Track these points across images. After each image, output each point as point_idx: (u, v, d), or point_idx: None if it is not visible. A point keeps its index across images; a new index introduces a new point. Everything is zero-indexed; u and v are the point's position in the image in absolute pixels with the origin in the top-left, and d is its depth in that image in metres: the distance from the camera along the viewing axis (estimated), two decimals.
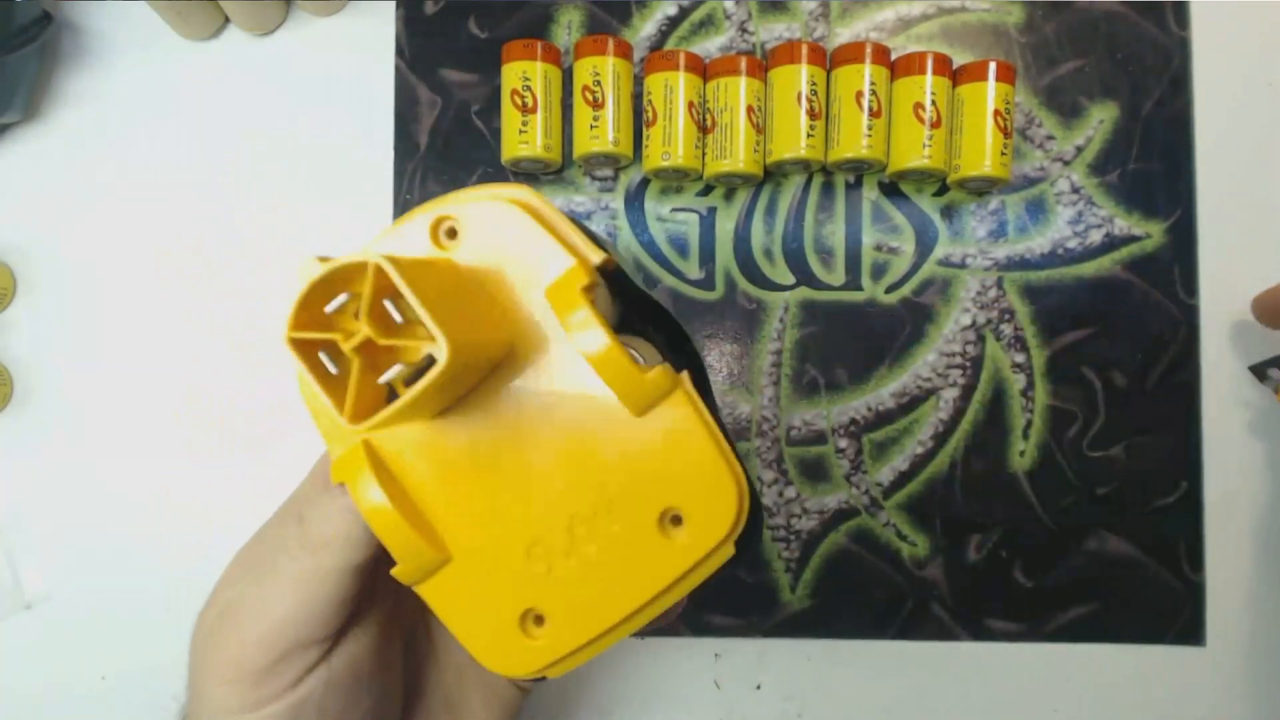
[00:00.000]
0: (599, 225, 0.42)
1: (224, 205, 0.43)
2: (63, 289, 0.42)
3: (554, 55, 0.40)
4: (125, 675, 0.41)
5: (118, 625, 0.41)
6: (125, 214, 0.43)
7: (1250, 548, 0.42)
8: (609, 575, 0.21)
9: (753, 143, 0.40)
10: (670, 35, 0.43)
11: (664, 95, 0.39)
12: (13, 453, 0.42)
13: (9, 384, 0.42)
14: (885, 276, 0.42)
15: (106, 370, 0.42)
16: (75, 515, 0.42)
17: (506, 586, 0.21)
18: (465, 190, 0.22)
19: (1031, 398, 0.42)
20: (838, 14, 0.43)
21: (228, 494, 0.42)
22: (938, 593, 0.41)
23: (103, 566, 0.41)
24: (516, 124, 0.40)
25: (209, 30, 0.42)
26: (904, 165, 0.40)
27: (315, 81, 0.43)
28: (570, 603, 0.21)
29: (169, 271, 0.42)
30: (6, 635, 0.41)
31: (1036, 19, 0.43)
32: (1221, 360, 0.42)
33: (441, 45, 0.43)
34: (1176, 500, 0.42)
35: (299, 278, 0.18)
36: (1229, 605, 0.41)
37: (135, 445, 0.42)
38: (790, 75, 0.39)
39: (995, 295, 0.42)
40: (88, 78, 0.43)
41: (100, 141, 0.43)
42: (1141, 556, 0.42)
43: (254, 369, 0.42)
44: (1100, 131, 0.42)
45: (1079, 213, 0.42)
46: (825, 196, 0.42)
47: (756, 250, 0.42)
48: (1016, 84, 0.42)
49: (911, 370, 0.42)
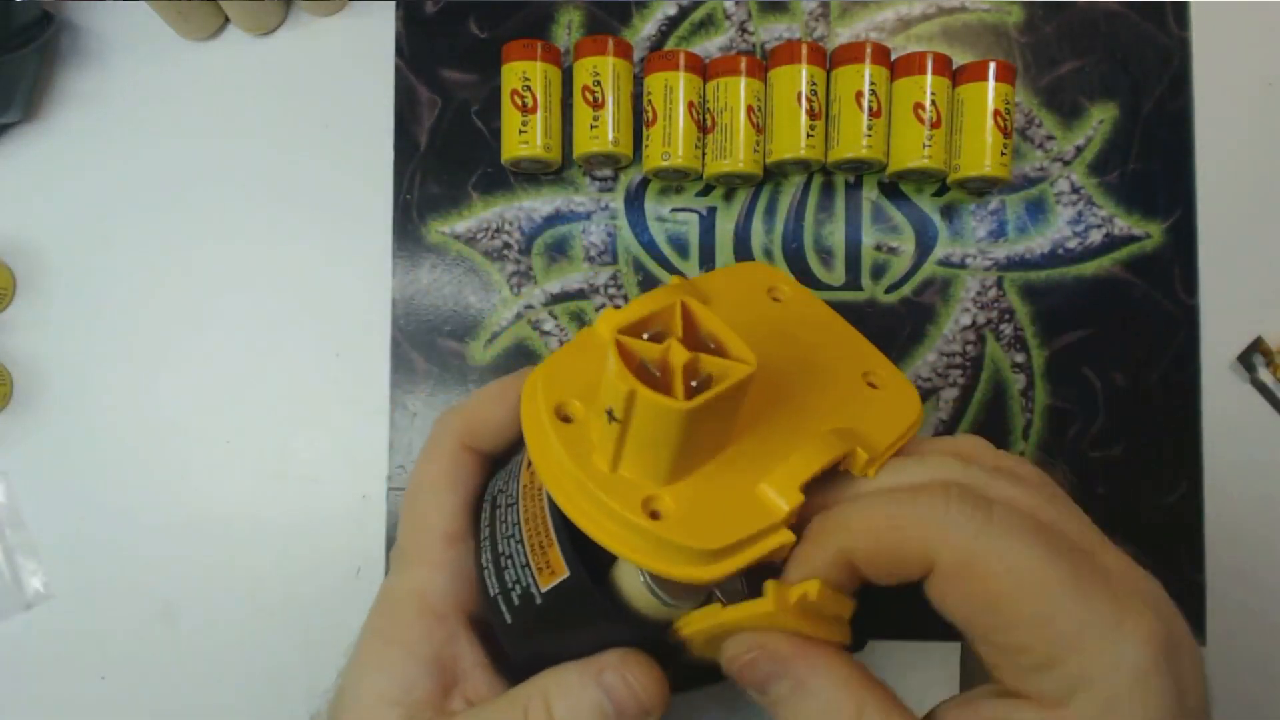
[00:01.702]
0: (599, 225, 0.42)
1: (224, 205, 0.43)
2: (63, 289, 0.42)
3: (554, 55, 0.40)
4: (125, 675, 0.41)
5: (118, 625, 0.41)
6: (125, 214, 0.43)
7: (1250, 548, 0.42)
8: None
9: (753, 143, 0.40)
10: (670, 35, 0.43)
11: (664, 95, 0.39)
12: (12, 453, 0.42)
13: (9, 384, 0.42)
14: (885, 276, 0.42)
15: (106, 370, 0.42)
16: (75, 515, 0.42)
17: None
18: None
19: (1031, 398, 0.42)
20: (838, 14, 0.43)
21: (228, 494, 0.42)
22: None
23: (103, 566, 0.41)
24: (516, 124, 0.40)
25: (209, 30, 0.42)
26: (904, 165, 0.40)
27: (315, 81, 0.43)
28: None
29: (169, 271, 0.42)
30: (6, 635, 0.41)
31: (1036, 19, 0.43)
32: (1221, 360, 0.42)
33: (441, 45, 0.43)
34: (1176, 500, 0.42)
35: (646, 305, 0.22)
36: (1229, 605, 0.41)
37: (135, 445, 0.42)
38: (790, 75, 0.39)
39: (995, 295, 0.42)
40: (88, 78, 0.43)
41: (100, 141, 0.43)
42: (1141, 556, 0.41)
43: (254, 369, 0.42)
44: (1100, 131, 0.42)
45: (1079, 213, 0.42)
46: (825, 196, 0.42)
47: (756, 250, 0.42)
48: (1016, 84, 0.42)
49: (911, 370, 0.42)
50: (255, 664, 0.30)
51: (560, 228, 0.42)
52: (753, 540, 0.22)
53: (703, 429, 0.22)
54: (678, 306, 0.22)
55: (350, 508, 0.41)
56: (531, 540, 0.25)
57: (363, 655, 0.27)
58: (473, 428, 0.28)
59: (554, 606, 0.24)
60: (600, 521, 0.22)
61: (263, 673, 0.40)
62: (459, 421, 0.29)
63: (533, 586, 0.25)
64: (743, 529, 0.22)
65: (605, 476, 0.22)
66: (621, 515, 0.22)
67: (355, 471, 0.41)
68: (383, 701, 0.26)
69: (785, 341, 0.27)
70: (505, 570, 0.26)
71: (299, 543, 0.41)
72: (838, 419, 0.25)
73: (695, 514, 0.22)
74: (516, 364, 0.42)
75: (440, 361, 0.42)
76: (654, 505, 0.22)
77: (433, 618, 0.27)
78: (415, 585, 0.27)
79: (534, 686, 0.24)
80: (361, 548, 0.41)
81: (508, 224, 0.42)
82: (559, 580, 0.24)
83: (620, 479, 0.22)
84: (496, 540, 0.26)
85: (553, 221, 0.42)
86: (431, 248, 0.42)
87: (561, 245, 0.42)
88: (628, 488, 0.22)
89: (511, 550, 0.26)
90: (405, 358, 0.42)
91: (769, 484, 0.23)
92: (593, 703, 0.24)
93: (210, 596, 0.41)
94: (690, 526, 0.22)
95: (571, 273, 0.42)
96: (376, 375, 0.42)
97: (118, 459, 0.42)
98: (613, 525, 0.22)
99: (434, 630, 0.27)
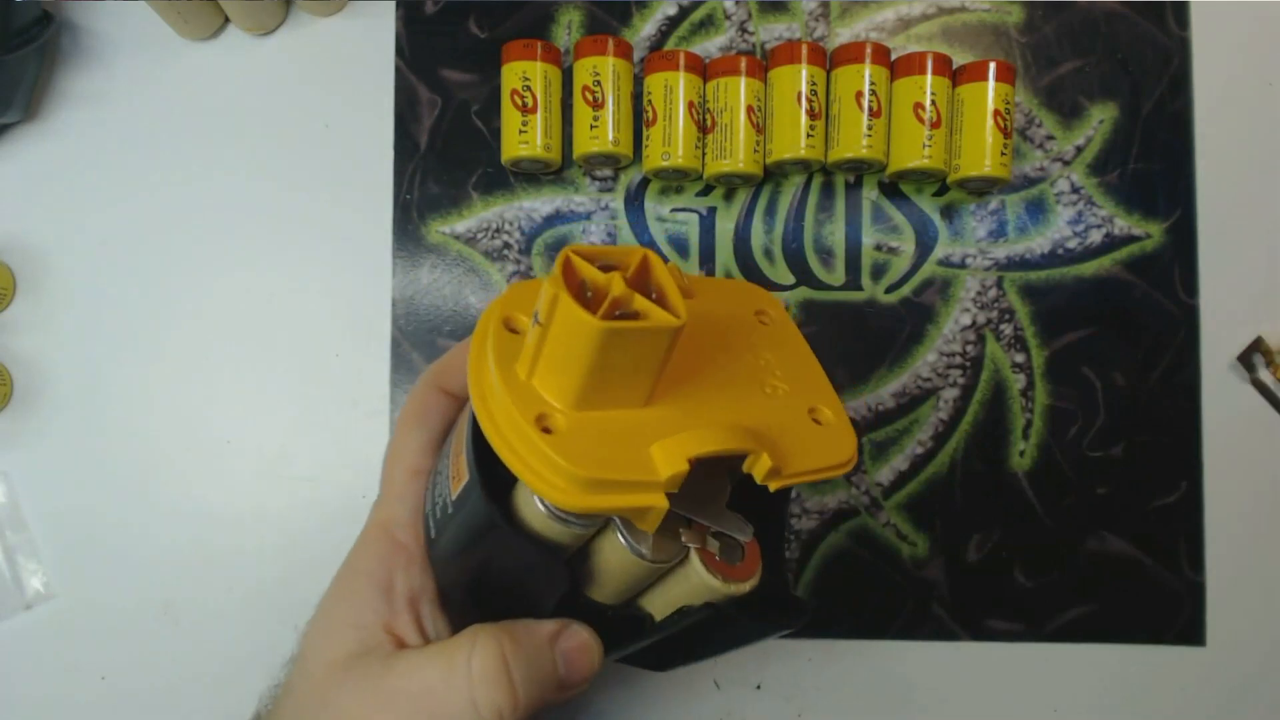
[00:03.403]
0: (599, 225, 0.42)
1: (224, 205, 0.43)
2: (63, 289, 0.42)
3: (554, 55, 0.40)
4: (125, 675, 0.41)
5: (118, 625, 0.41)
6: (125, 214, 0.43)
7: (1250, 548, 0.42)
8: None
9: (753, 143, 0.40)
10: (670, 35, 0.43)
11: (664, 95, 0.39)
12: (13, 453, 0.42)
13: (9, 384, 0.42)
14: (885, 276, 0.42)
15: (106, 370, 0.42)
16: (75, 515, 0.42)
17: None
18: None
19: (1031, 398, 0.42)
20: (838, 14, 0.43)
21: (228, 494, 0.42)
22: (938, 593, 0.41)
23: (103, 566, 0.41)
24: (516, 124, 0.40)
25: (209, 30, 0.42)
26: (904, 165, 0.40)
27: (315, 81, 0.43)
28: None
29: (169, 271, 0.42)
30: (6, 635, 0.41)
31: (1036, 19, 0.43)
32: (1221, 360, 0.42)
33: (441, 45, 0.43)
34: (1176, 500, 0.42)
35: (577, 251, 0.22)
36: (1229, 605, 0.41)
37: (136, 445, 0.42)
38: (790, 75, 0.39)
39: (995, 295, 0.42)
40: (88, 78, 0.43)
41: (100, 141, 0.43)
42: (1141, 556, 0.42)
43: (255, 369, 0.42)
44: (1100, 131, 0.42)
45: (1079, 213, 0.42)
46: (825, 196, 0.42)
47: (756, 250, 0.42)
48: (1016, 84, 0.42)
49: (911, 370, 0.42)
50: (255, 664, 0.30)
51: (560, 228, 0.42)
52: (624, 487, 0.22)
53: (615, 363, 0.22)
54: (639, 252, 0.23)
55: (350, 508, 0.41)
56: (455, 454, 0.26)
57: (334, 583, 0.29)
58: (444, 369, 0.30)
59: (459, 514, 0.25)
60: (498, 426, 0.23)
61: (262, 672, 0.40)
62: (435, 366, 0.30)
63: (448, 496, 0.26)
64: (618, 472, 0.22)
65: (518, 384, 0.23)
66: (515, 420, 0.22)
67: (355, 471, 0.42)
68: (343, 624, 0.27)
69: (745, 349, 0.27)
70: (436, 487, 0.27)
71: (299, 543, 0.41)
72: (761, 425, 0.25)
73: (581, 443, 0.22)
74: None
75: None
76: (548, 421, 0.22)
77: (392, 545, 0.28)
78: (382, 516, 0.29)
79: (463, 637, 0.26)
80: None
81: (508, 224, 0.42)
82: (462, 485, 0.25)
83: (530, 389, 0.23)
84: (439, 463, 0.28)
85: (553, 221, 0.42)
86: (431, 248, 0.42)
87: (561, 245, 0.42)
88: (532, 398, 0.23)
89: (442, 467, 0.27)
90: (405, 358, 0.42)
91: (663, 445, 0.23)
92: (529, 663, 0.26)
93: (210, 597, 0.41)
94: (570, 450, 0.22)
95: None
96: (376, 375, 0.42)
97: (118, 459, 0.42)
98: (507, 432, 0.23)
99: (392, 557, 0.28)
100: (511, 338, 0.24)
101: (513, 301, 0.25)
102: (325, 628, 0.28)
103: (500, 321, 0.24)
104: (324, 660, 0.27)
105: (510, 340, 0.24)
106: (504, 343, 0.24)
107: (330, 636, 0.27)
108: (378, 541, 0.28)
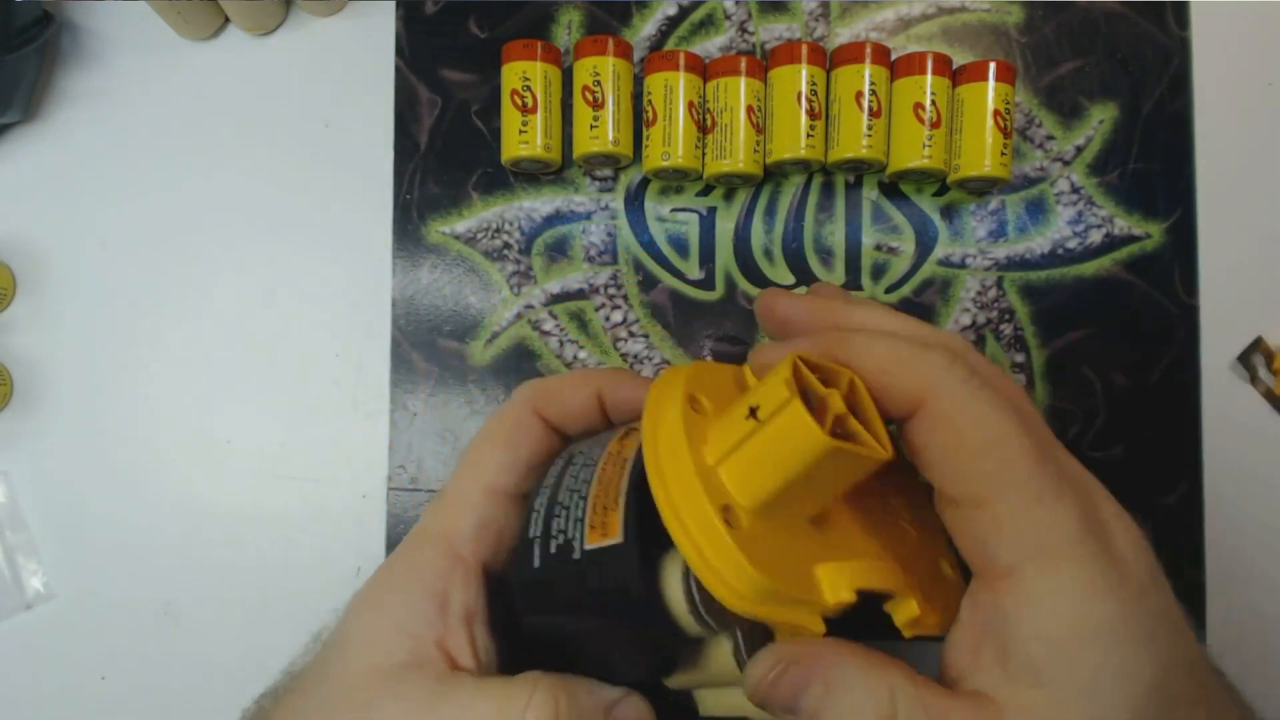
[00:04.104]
0: (599, 225, 0.42)
1: (224, 205, 0.43)
2: (63, 289, 0.42)
3: (554, 55, 0.40)
4: (125, 675, 0.41)
5: (118, 625, 0.41)
6: (125, 214, 0.43)
7: (1250, 548, 0.42)
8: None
9: (753, 143, 0.40)
10: (670, 35, 0.43)
11: (664, 95, 0.39)
12: (12, 453, 0.42)
13: (9, 384, 0.42)
14: (885, 276, 0.42)
15: (107, 370, 0.42)
16: (75, 516, 0.42)
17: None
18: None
19: (1031, 398, 0.42)
20: (838, 14, 0.43)
21: (228, 494, 0.42)
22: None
23: (103, 566, 0.41)
24: (516, 124, 0.40)
25: (209, 30, 0.42)
26: (904, 165, 0.40)
27: (315, 81, 0.43)
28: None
29: (169, 271, 0.42)
30: (6, 635, 0.41)
31: (1036, 19, 0.43)
32: (1221, 360, 0.42)
33: (441, 45, 0.43)
34: (1176, 500, 0.42)
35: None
36: (1229, 605, 0.41)
37: (135, 445, 0.42)
38: (790, 75, 0.39)
39: (995, 295, 0.42)
40: (88, 78, 0.43)
41: (100, 141, 0.43)
42: None
43: (254, 368, 0.42)
44: (1100, 131, 0.42)
45: (1079, 213, 0.42)
46: (825, 196, 0.42)
47: (756, 250, 0.42)
48: (1016, 84, 0.42)
49: None
50: (255, 664, 0.30)
51: (560, 228, 0.42)
52: (792, 603, 0.22)
53: (817, 478, 0.22)
54: (850, 374, 0.23)
55: (350, 508, 0.41)
56: (596, 500, 0.25)
57: (380, 581, 0.28)
58: (548, 396, 0.29)
59: (588, 566, 0.24)
60: (675, 504, 0.22)
61: (262, 673, 0.40)
62: (536, 387, 0.29)
63: (576, 540, 0.25)
64: (792, 588, 0.22)
65: (705, 467, 0.22)
66: (700, 504, 0.22)
67: (355, 471, 0.42)
68: (394, 629, 0.26)
69: (876, 484, 0.27)
70: (555, 518, 0.26)
71: (299, 543, 0.41)
72: (909, 569, 0.25)
73: (760, 547, 0.22)
74: (517, 364, 0.42)
75: (440, 361, 0.42)
76: (733, 515, 0.22)
77: (452, 558, 0.27)
78: (445, 526, 0.28)
79: (523, 684, 0.25)
80: (361, 548, 0.41)
81: (508, 224, 0.42)
82: (607, 543, 0.24)
83: (716, 476, 0.22)
84: (559, 490, 0.26)
85: (553, 221, 0.42)
86: (431, 248, 0.42)
87: (561, 245, 0.42)
88: (719, 487, 0.22)
89: (571, 504, 0.26)
90: (405, 358, 0.42)
91: (829, 569, 0.23)
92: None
93: (210, 596, 0.41)
94: (752, 552, 0.21)
95: (571, 273, 0.42)
96: (376, 375, 0.42)
97: (118, 459, 0.42)
98: (686, 515, 0.22)
99: (451, 571, 0.27)
100: (696, 417, 0.23)
101: (697, 381, 0.24)
102: (374, 627, 0.27)
103: (684, 396, 0.23)
104: (369, 661, 0.26)
105: (695, 420, 0.23)
106: (691, 422, 0.23)
107: (379, 639, 0.26)
108: (435, 550, 0.27)
